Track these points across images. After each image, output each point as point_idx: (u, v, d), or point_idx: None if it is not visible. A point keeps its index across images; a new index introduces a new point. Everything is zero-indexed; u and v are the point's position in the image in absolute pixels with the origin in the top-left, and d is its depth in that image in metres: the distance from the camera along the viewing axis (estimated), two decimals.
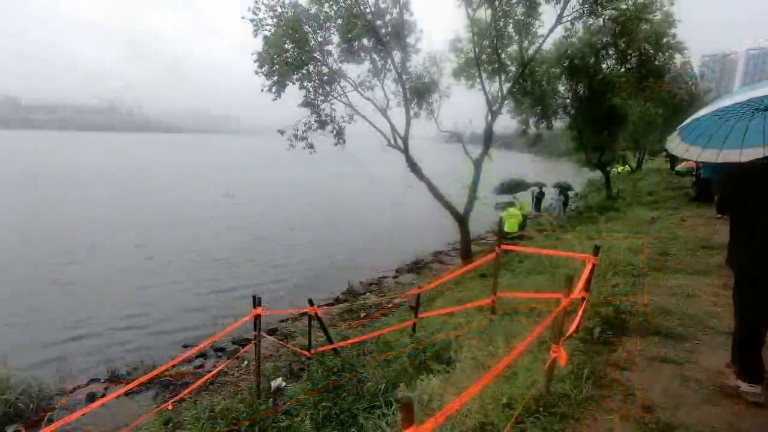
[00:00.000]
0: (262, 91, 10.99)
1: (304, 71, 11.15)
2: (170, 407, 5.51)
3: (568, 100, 16.29)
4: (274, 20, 10.71)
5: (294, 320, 10.09)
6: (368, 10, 11.16)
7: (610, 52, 14.08)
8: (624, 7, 12.23)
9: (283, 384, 6.11)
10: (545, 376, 3.17)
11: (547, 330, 3.60)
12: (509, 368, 3.46)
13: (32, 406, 6.28)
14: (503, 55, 12.92)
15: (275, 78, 10.92)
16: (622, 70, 14.06)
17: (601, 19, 12.93)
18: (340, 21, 11.24)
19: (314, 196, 30.52)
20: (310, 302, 5.99)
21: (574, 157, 20.80)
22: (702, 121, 3.01)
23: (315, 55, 11.26)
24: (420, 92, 12.81)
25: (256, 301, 5.23)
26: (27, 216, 20.79)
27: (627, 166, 28.15)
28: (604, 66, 14.67)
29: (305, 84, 11.35)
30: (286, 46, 10.70)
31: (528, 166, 48.46)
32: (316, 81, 11.50)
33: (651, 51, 13.18)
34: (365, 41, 11.69)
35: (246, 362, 7.90)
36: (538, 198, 18.24)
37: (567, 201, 18.18)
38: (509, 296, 5.29)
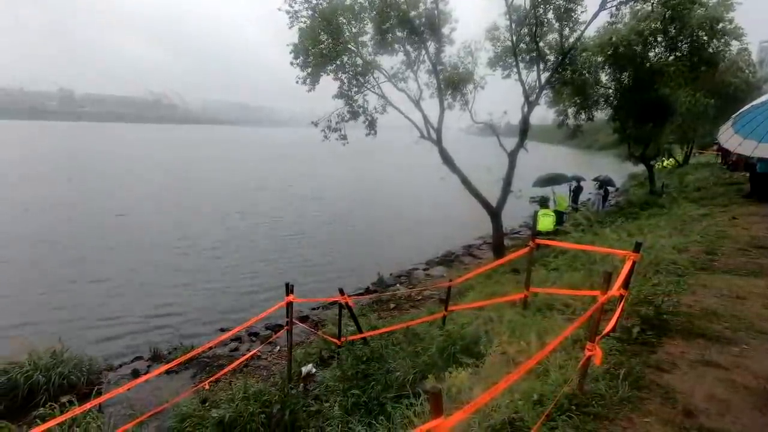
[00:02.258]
0: (297, 82, 11.16)
1: (339, 62, 11.20)
2: (207, 387, 5.78)
3: (610, 90, 15.53)
4: (310, 12, 10.80)
5: (325, 309, 10.28)
6: (402, 0, 11.04)
7: (659, 39, 13.26)
8: None
9: (314, 370, 6.25)
10: (579, 375, 3.08)
11: (582, 327, 3.49)
12: (541, 365, 3.39)
13: (83, 379, 6.74)
14: (542, 44, 12.46)
15: (310, 69, 11.05)
16: (672, 58, 13.22)
17: (649, 4, 12.21)
18: (374, 12, 11.19)
19: (347, 188, 30.79)
20: (341, 291, 6.07)
21: (615, 151, 19.91)
22: (759, 112, 2.80)
23: (349, 46, 11.28)
24: (454, 83, 12.59)
25: (289, 289, 5.37)
26: (80, 205, 22.16)
27: (673, 159, 26.67)
28: (651, 54, 13.86)
29: (339, 75, 11.42)
30: (321, 37, 10.78)
31: (566, 159, 46.96)
32: (351, 72, 11.54)
33: (704, 37, 12.30)
34: (399, 32, 11.60)
35: (278, 347, 8.14)
36: (576, 192, 17.58)
37: (607, 196, 17.46)
38: (543, 292, 5.16)
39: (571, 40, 12.12)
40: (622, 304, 3.56)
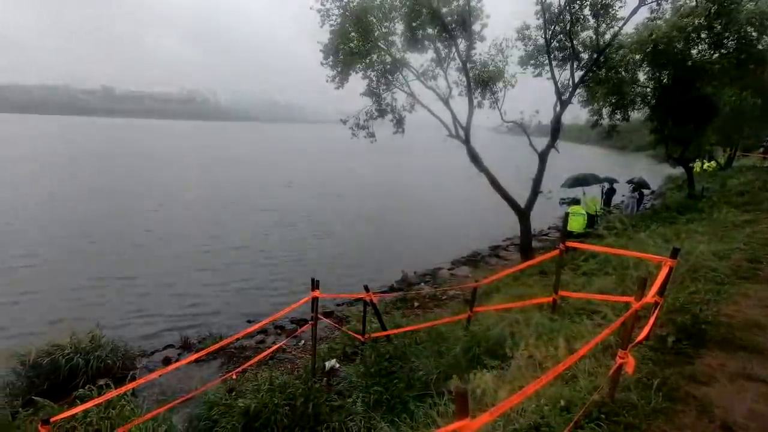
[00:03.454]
0: (327, 81, 11.26)
1: (368, 60, 11.23)
2: (234, 377, 5.93)
3: (648, 89, 14.90)
4: (340, 10, 10.87)
5: (349, 305, 10.36)
6: None
7: (703, 36, 12.61)
8: None
9: (337, 365, 6.32)
10: (609, 383, 2.99)
11: (614, 334, 3.39)
12: (569, 370, 3.31)
13: (118, 363, 7.05)
14: (576, 41, 12.09)
15: (339, 68, 11.13)
16: (716, 55, 12.55)
17: None
18: (405, 9, 11.15)
19: (373, 186, 30.90)
20: (366, 288, 6.10)
21: (651, 152, 19.11)
22: None
23: (379, 44, 11.29)
24: (484, 81, 12.39)
25: (314, 284, 5.44)
26: (115, 200, 23.17)
27: (714, 162, 25.40)
28: (694, 51, 13.20)
29: (368, 73, 11.45)
30: (351, 35, 10.83)
31: (599, 160, 45.59)
32: (379, 70, 11.55)
33: (754, 33, 11.63)
34: (429, 30, 11.51)
35: (302, 341, 8.26)
36: (608, 194, 17.00)
37: (642, 199, 16.81)
38: (572, 296, 5.03)
39: (608, 37, 11.71)
40: (656, 311, 3.43)
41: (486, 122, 14.38)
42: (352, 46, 10.85)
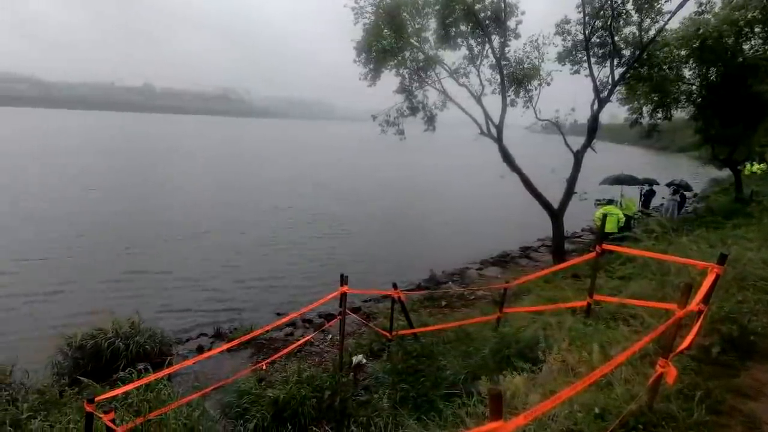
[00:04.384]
0: (360, 79, 11.33)
1: (400, 58, 11.21)
2: (264, 368, 6.08)
3: (693, 87, 14.18)
4: (374, 8, 10.89)
5: (376, 302, 10.41)
6: None
7: (756, 30, 11.89)
8: None
9: (364, 361, 6.36)
10: (648, 392, 2.87)
11: (653, 342, 3.25)
12: (604, 377, 3.20)
13: (156, 349, 7.36)
14: (617, 37, 11.63)
15: (372, 66, 11.17)
16: None
17: None
18: (438, 6, 11.05)
19: (403, 183, 30.88)
20: (394, 286, 6.11)
21: (695, 153, 18.19)
22: None
23: (412, 41, 11.24)
24: (518, 79, 12.11)
25: (343, 280, 5.49)
26: (152, 193, 24.14)
27: (764, 164, 23.90)
28: (746, 46, 12.46)
29: (401, 71, 11.43)
30: (384, 32, 10.83)
31: (637, 161, 43.78)
32: (412, 68, 11.51)
33: None
34: (463, 26, 11.35)
35: (330, 336, 8.37)
36: (647, 196, 16.32)
37: (683, 202, 16.05)
38: (608, 300, 4.86)
39: (651, 32, 11.20)
40: (700, 320, 3.26)
41: (519, 120, 14.06)
42: (385, 43, 10.84)
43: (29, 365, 6.49)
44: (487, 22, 11.21)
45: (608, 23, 11.08)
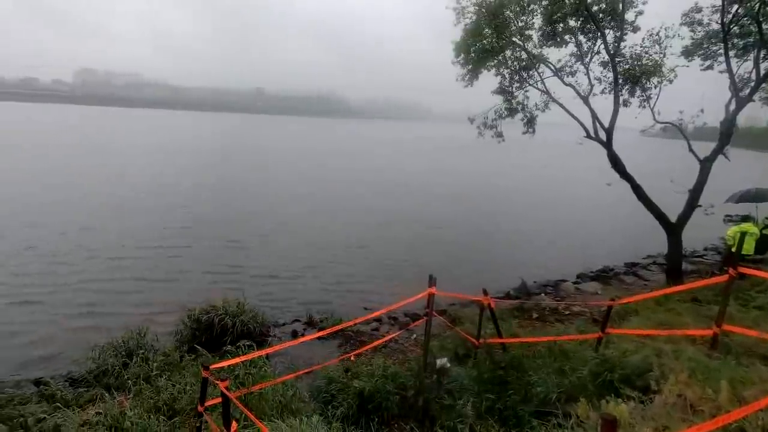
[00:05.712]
0: (457, 80, 11.23)
1: (501, 57, 10.86)
2: (352, 359, 6.33)
3: None
4: (476, 7, 10.69)
5: (462, 306, 10.21)
6: None
7: None
8: None
9: (448, 364, 6.27)
10: None
11: None
12: (736, 422, 2.76)
13: (257, 329, 8.10)
14: (765, 25, 9.88)
15: (470, 66, 10.98)
16: None
17: None
18: (545, 2, 10.47)
19: (499, 187, 29.91)
20: (485, 292, 5.94)
21: None
22: None
23: (514, 39, 10.81)
24: (635, 77, 10.92)
25: (432, 281, 5.47)
26: (254, 191, 26.40)
27: None
28: None
29: (501, 70, 11.08)
30: (485, 32, 10.58)
31: None
32: (513, 67, 11.08)
33: None
34: (571, 22, 10.62)
35: (414, 335, 8.42)
36: None
37: None
38: (742, 332, 4.17)
39: None
40: None
41: (632, 123, 12.70)
42: (485, 42, 10.59)
43: (159, 329, 7.58)
44: (600, 15, 10.33)
45: (755, 9, 9.48)
